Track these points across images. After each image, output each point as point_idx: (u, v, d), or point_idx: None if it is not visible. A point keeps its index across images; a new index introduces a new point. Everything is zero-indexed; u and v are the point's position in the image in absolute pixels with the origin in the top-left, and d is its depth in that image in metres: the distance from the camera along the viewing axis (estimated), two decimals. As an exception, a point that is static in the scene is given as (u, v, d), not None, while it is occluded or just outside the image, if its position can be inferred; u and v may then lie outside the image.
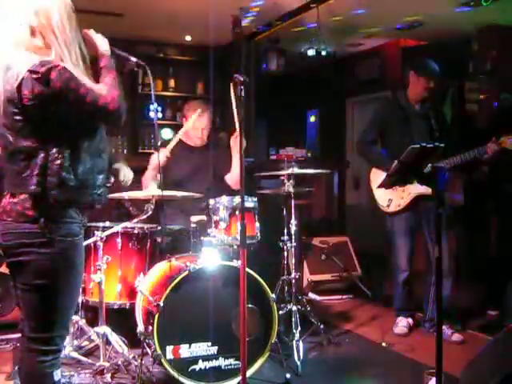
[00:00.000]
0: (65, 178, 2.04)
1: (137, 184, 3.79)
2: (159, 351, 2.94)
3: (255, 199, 3.47)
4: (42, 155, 2.02)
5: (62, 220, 2.07)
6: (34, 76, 1.94)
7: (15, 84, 1.96)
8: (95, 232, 3.36)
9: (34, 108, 1.97)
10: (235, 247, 3.36)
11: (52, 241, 2.04)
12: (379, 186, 3.83)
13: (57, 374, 2.10)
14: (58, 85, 1.95)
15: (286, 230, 3.91)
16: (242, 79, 2.41)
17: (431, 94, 4.06)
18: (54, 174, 2.02)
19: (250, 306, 2.99)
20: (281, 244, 3.92)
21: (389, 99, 4.28)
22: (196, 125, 4.01)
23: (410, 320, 4.20)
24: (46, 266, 2.04)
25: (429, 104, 4.11)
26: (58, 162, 2.03)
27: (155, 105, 6.44)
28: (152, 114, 6.51)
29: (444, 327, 3.80)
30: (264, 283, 3.17)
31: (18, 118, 2.00)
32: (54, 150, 2.03)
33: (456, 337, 3.91)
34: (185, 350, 3.00)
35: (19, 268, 2.07)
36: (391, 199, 4.06)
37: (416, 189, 3.83)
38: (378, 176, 4.10)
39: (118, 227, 3.43)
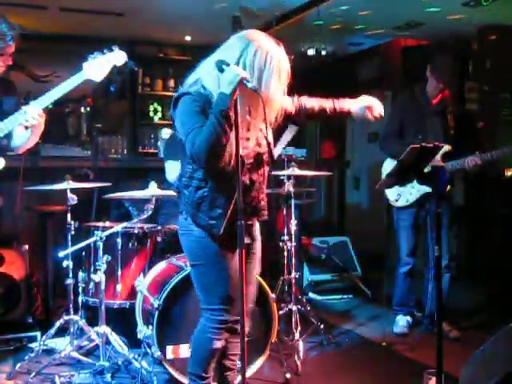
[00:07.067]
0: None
1: (137, 185, 3.79)
2: (159, 351, 2.94)
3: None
4: None
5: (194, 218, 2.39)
6: None
7: None
8: (95, 232, 3.36)
9: None
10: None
11: None
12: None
13: (215, 344, 2.40)
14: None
15: (285, 230, 3.91)
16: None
17: (447, 94, 4.01)
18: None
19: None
20: (281, 244, 3.92)
21: (407, 93, 4.18)
22: None
23: (410, 318, 4.19)
24: None
25: (445, 102, 4.05)
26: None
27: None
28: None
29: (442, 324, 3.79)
30: (264, 283, 3.17)
31: None
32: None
33: (454, 334, 3.92)
34: (185, 350, 3.00)
35: None
36: (400, 194, 4.05)
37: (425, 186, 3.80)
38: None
39: (118, 227, 3.43)
